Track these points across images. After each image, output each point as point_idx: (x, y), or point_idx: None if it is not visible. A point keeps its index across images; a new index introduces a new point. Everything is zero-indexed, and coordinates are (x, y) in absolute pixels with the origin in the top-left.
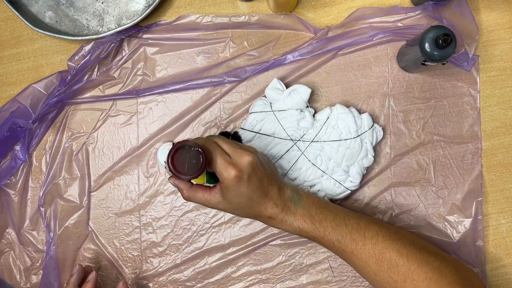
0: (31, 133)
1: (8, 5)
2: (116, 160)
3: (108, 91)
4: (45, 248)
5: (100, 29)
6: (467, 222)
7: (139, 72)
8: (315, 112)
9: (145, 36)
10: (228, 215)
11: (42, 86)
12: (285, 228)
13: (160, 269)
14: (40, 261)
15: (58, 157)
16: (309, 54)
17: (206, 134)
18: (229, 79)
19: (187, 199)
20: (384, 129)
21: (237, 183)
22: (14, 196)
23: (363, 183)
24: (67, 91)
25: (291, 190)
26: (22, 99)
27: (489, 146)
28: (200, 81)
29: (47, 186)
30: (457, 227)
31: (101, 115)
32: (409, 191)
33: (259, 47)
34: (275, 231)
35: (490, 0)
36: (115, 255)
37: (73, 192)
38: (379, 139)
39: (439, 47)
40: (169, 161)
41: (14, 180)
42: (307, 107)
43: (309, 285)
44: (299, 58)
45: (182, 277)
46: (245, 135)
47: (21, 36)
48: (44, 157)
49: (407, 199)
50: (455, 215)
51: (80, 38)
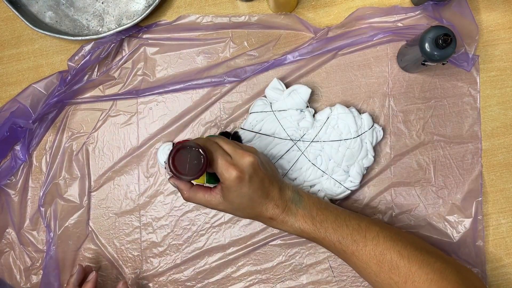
0: (31, 133)
1: (8, 5)
2: (116, 160)
3: (108, 91)
4: (45, 248)
5: (100, 29)
6: (467, 222)
7: (139, 72)
8: (315, 112)
9: (145, 36)
10: (228, 215)
11: (42, 86)
12: (286, 229)
13: (160, 269)
14: (40, 261)
15: (58, 157)
16: (309, 54)
17: (206, 134)
18: (229, 79)
19: (187, 199)
20: (384, 129)
21: (238, 184)
22: (14, 196)
23: (363, 183)
24: (67, 91)
25: (292, 190)
26: (22, 99)
27: (489, 146)
28: (200, 81)
29: (47, 186)
30: (457, 227)
31: (101, 115)
32: (409, 191)
33: (259, 47)
34: (275, 231)
35: (490, 0)
36: (115, 255)
37: (73, 192)
38: (379, 139)
39: (439, 47)
40: (170, 161)
41: (14, 180)
42: (307, 107)
43: (309, 285)
44: (299, 58)
45: (182, 277)
46: (245, 135)
47: (21, 36)
48: (44, 157)
49: (407, 199)
50: (455, 215)
51: (80, 38)
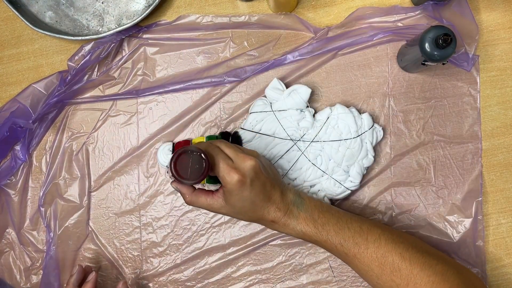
0: (31, 133)
1: (8, 5)
2: (116, 160)
3: (108, 91)
4: (45, 248)
5: (100, 29)
6: (467, 222)
7: (139, 72)
8: (315, 112)
9: (145, 36)
10: None
11: (42, 86)
12: (287, 232)
13: (160, 269)
14: (40, 261)
15: (58, 157)
16: (309, 54)
17: (206, 134)
18: (229, 79)
19: (189, 203)
20: (384, 129)
21: (240, 188)
22: (14, 196)
23: (363, 183)
24: (67, 91)
25: (294, 193)
26: (22, 99)
27: (489, 146)
28: (200, 81)
29: (47, 186)
30: (457, 227)
31: (101, 115)
32: (409, 191)
33: (259, 47)
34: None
35: (490, 0)
36: (115, 255)
37: (73, 192)
38: (379, 139)
39: (439, 47)
40: (172, 166)
41: (14, 180)
42: (307, 107)
43: (309, 285)
44: (299, 58)
45: (182, 277)
46: (245, 135)
47: (21, 36)
48: (44, 157)
49: (407, 199)
50: (455, 215)
51: (80, 38)
